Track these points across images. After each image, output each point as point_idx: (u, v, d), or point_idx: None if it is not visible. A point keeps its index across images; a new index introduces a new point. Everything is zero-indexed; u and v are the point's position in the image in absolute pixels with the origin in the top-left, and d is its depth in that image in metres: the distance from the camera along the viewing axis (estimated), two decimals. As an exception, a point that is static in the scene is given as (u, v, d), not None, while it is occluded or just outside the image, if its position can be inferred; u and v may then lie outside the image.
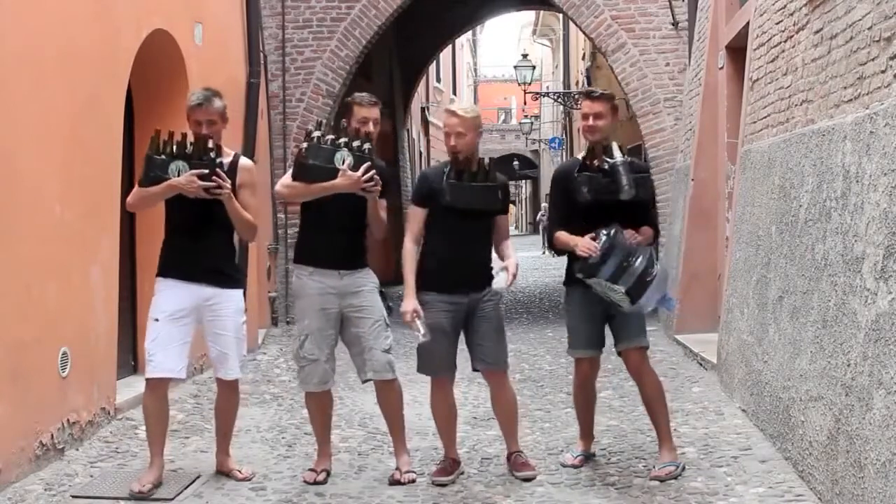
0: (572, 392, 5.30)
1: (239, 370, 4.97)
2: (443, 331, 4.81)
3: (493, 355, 4.93)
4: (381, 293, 4.97)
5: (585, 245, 4.74)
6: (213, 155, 4.73)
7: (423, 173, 5.27)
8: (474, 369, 5.04)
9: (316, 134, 4.81)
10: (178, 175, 4.68)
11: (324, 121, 5.44)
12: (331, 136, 4.80)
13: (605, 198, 4.84)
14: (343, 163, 4.72)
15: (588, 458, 5.18)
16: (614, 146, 4.94)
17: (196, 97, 4.84)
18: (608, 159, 4.89)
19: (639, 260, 4.68)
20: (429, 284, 4.84)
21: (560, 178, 5.08)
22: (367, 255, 5.02)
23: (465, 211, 4.82)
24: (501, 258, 4.95)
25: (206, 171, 4.68)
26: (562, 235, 4.92)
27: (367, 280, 4.93)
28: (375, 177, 4.74)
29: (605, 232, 4.72)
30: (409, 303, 4.77)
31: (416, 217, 4.93)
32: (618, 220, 4.79)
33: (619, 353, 5.06)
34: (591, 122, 4.94)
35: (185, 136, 4.79)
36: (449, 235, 4.83)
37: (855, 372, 3.96)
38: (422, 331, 4.71)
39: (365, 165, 4.72)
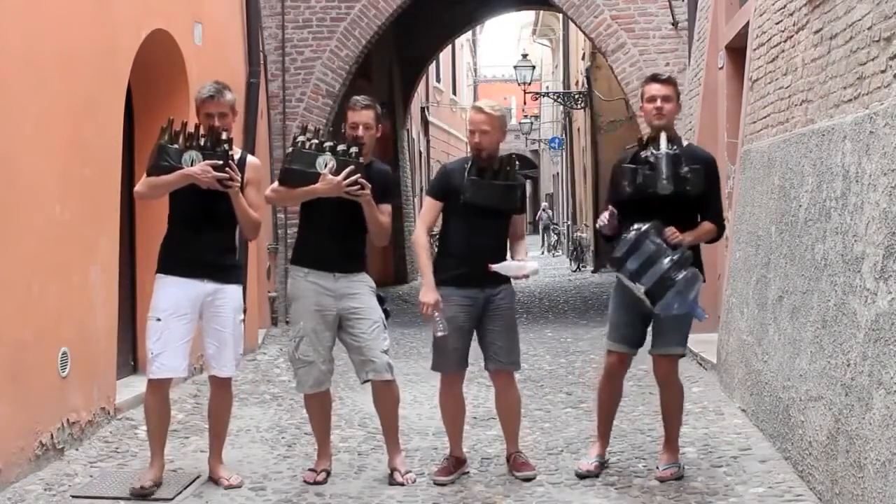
0: (597, 386, 5.10)
1: (234, 368, 4.94)
2: (458, 326, 4.81)
3: (503, 354, 4.92)
4: (379, 296, 4.96)
5: (602, 218, 4.70)
6: (226, 147, 4.72)
7: (444, 168, 5.19)
8: (486, 368, 5.03)
9: (301, 138, 4.81)
10: (192, 165, 4.66)
11: (309, 125, 5.43)
12: (315, 141, 4.79)
13: (646, 192, 4.65)
14: (325, 167, 4.71)
15: (602, 464, 4.99)
16: (662, 136, 4.70)
17: (207, 89, 4.81)
18: (654, 151, 4.68)
19: (667, 260, 4.49)
20: (445, 279, 4.82)
21: (614, 167, 4.94)
22: (366, 259, 5.02)
23: (485, 208, 4.82)
24: (513, 257, 4.94)
25: (220, 162, 4.67)
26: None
27: (364, 283, 4.93)
28: (361, 181, 4.70)
29: (636, 226, 4.56)
30: (430, 294, 4.75)
31: (432, 209, 4.95)
32: (664, 215, 4.61)
33: (651, 355, 4.89)
34: (658, 103, 4.74)
35: (198, 126, 4.77)
36: (467, 231, 4.83)
37: (855, 372, 3.96)
38: (440, 325, 4.71)
39: (347, 170, 4.68)
